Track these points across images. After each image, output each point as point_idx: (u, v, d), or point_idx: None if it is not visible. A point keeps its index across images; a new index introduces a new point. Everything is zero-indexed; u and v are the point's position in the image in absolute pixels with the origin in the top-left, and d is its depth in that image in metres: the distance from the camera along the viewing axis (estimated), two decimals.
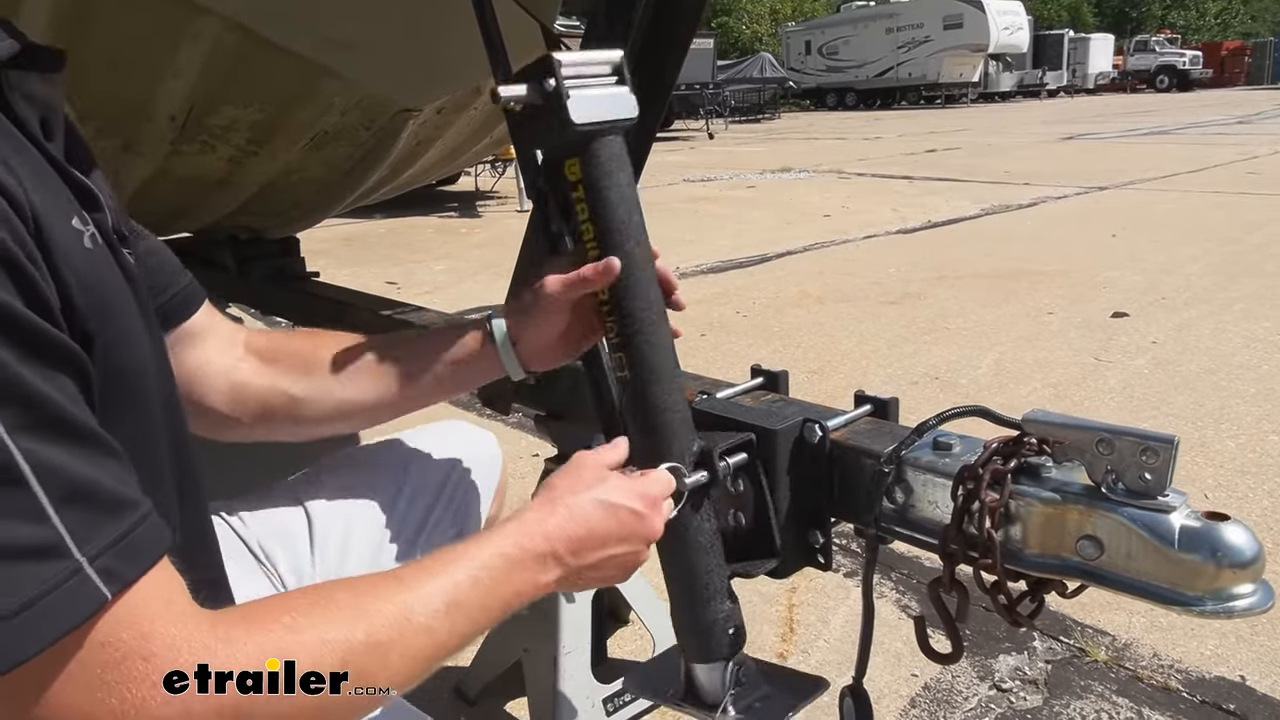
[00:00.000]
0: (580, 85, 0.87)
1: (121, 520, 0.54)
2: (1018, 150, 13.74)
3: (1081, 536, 0.86)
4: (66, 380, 0.55)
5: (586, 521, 0.80)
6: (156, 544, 0.57)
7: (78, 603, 0.51)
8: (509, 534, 0.76)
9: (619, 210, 0.91)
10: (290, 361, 1.00)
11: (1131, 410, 3.14)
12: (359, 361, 1.00)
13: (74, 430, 0.54)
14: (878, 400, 1.15)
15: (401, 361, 1.00)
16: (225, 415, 0.99)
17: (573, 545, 0.79)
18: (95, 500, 0.53)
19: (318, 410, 1.00)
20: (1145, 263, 5.49)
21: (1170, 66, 37.92)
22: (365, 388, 1.00)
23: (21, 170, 0.56)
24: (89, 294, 0.59)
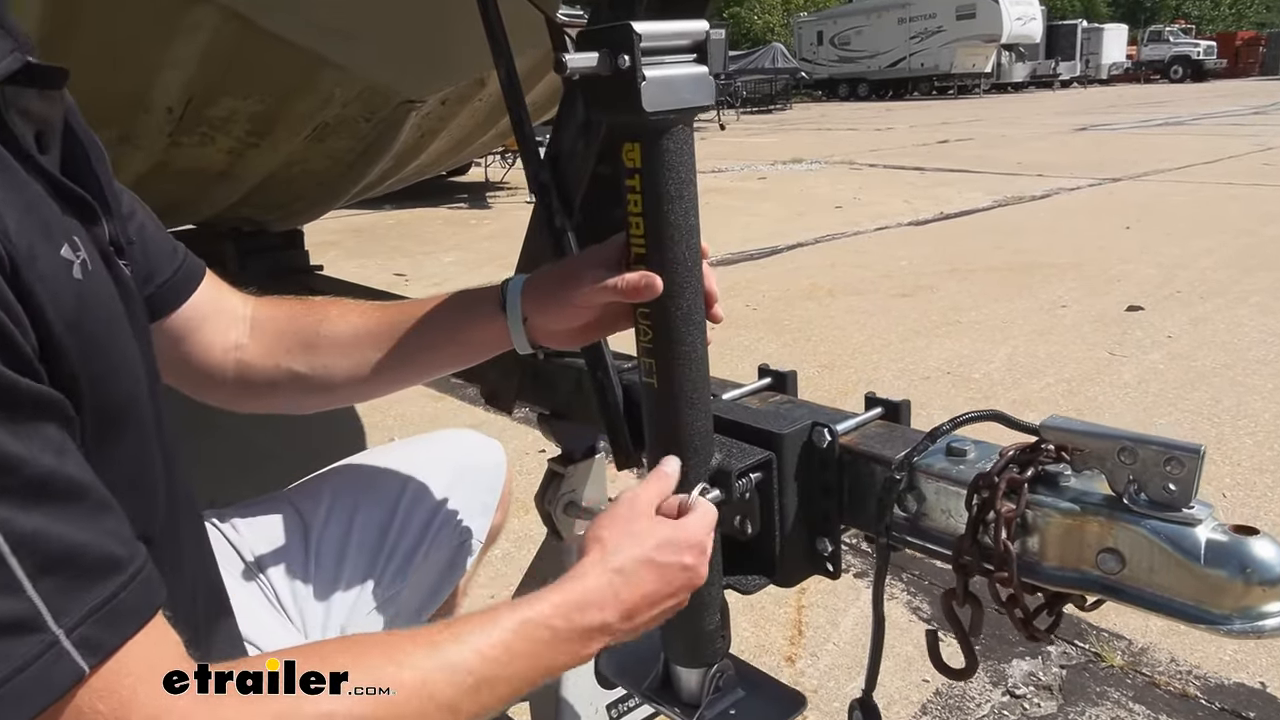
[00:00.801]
0: (658, 64, 0.78)
1: (106, 584, 0.52)
2: (1031, 141, 13.62)
3: (1102, 549, 0.82)
4: (48, 431, 0.52)
5: (640, 587, 0.77)
6: (144, 606, 0.54)
7: (53, 679, 0.48)
8: (560, 605, 0.71)
9: (675, 209, 0.84)
10: (296, 338, 0.98)
11: (1147, 407, 3.09)
12: (366, 333, 0.97)
13: (54, 490, 0.51)
14: (889, 403, 1.10)
15: (410, 331, 0.97)
16: (234, 393, 0.98)
17: (625, 613, 0.75)
18: (77, 565, 0.51)
19: (325, 383, 0.97)
20: (1160, 255, 5.42)
21: (1184, 57, 37.53)
22: (372, 360, 0.97)
23: (5, 203, 0.54)
24: (76, 332, 0.57)
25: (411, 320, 0.97)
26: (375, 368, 0.97)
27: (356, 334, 0.97)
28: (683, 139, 0.84)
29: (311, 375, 0.97)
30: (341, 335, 0.97)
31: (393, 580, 1.10)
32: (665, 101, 0.80)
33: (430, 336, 0.97)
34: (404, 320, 0.97)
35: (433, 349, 0.97)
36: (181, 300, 0.91)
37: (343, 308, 1.00)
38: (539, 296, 0.93)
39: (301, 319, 0.99)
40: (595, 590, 0.74)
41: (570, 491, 1.54)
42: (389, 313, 0.99)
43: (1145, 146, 12.13)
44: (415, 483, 1.16)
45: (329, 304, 1.01)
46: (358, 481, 1.14)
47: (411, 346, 0.96)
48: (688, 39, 0.83)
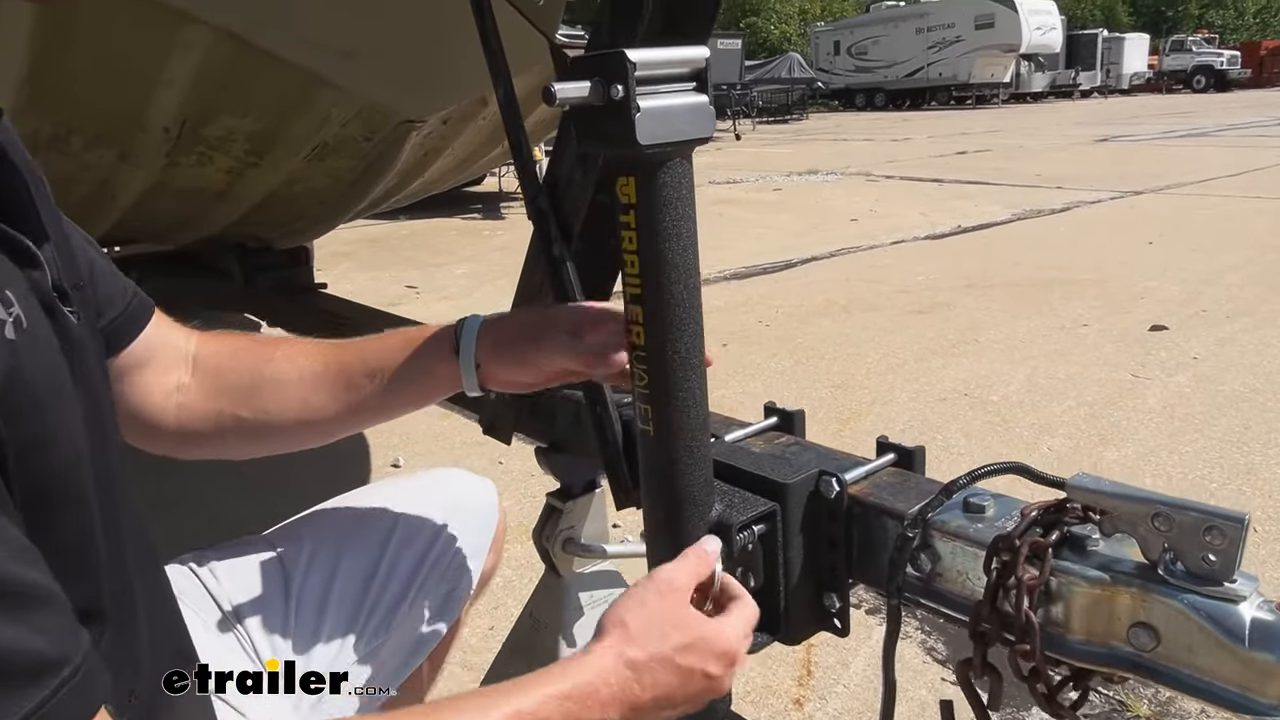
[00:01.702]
0: (653, 93, 0.73)
1: (39, 688, 0.47)
2: (1050, 152, 13.49)
3: (1134, 623, 0.75)
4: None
5: (653, 689, 0.70)
6: (83, 707, 0.50)
7: None
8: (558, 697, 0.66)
9: (672, 246, 0.79)
10: (238, 378, 0.93)
11: (1172, 433, 3.00)
12: (313, 374, 0.92)
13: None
14: (902, 449, 1.04)
15: (360, 373, 0.92)
16: (174, 439, 0.93)
17: (630, 714, 0.69)
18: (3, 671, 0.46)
19: (268, 428, 0.92)
20: (1184, 272, 5.32)
21: (1208, 66, 37.19)
22: (320, 402, 0.92)
23: None
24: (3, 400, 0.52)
25: (361, 361, 0.93)
26: (323, 411, 0.92)
27: (303, 375, 0.92)
28: (680, 173, 0.79)
29: (254, 419, 0.92)
30: (287, 376, 0.92)
31: (376, 632, 1.04)
32: (661, 134, 0.75)
33: (381, 378, 0.92)
34: (353, 361, 0.93)
35: (383, 392, 0.93)
36: (127, 341, 0.87)
37: (289, 348, 0.95)
38: (495, 346, 0.90)
39: (245, 358, 0.94)
40: (604, 683, 0.68)
41: (569, 527, 1.48)
42: (337, 353, 0.94)
43: (1168, 158, 11.98)
44: (402, 527, 1.10)
45: (275, 343, 0.96)
46: (342, 526, 1.09)
47: (362, 389, 0.92)
48: (686, 67, 0.78)
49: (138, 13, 1.31)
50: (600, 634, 0.71)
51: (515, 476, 2.74)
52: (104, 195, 1.92)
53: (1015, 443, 2.98)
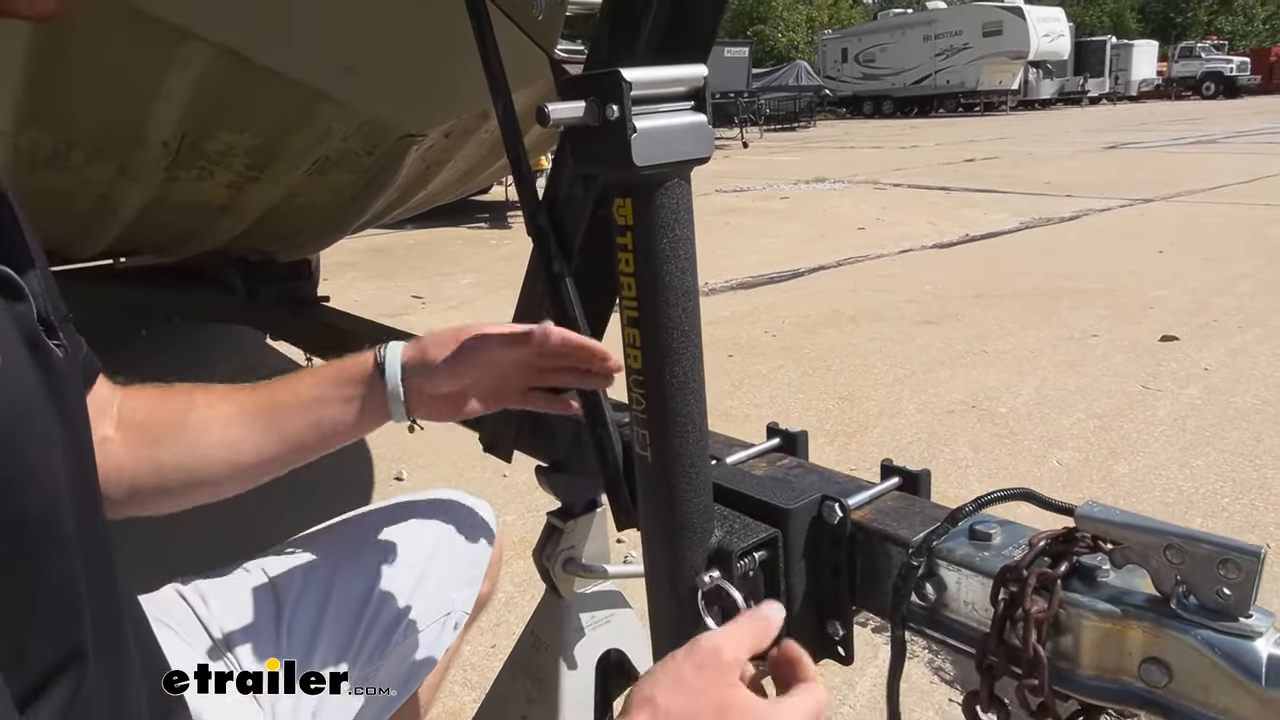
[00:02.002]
0: (650, 113, 0.71)
1: None
2: (1059, 160, 13.44)
3: (1146, 659, 0.73)
4: None
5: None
6: None
7: None
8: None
9: (670, 269, 0.77)
10: (160, 428, 0.90)
11: (1183, 446, 2.96)
12: (236, 418, 0.91)
13: None
14: (907, 472, 1.02)
15: (284, 412, 0.91)
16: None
17: None
18: None
19: (192, 477, 0.89)
20: (1195, 281, 5.27)
21: (1217, 73, 37.09)
22: (246, 447, 0.90)
23: None
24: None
25: (289, 398, 0.92)
26: (250, 453, 0.90)
27: (228, 418, 0.90)
28: (678, 194, 0.77)
29: (175, 465, 0.89)
30: (211, 422, 0.90)
31: (370, 659, 1.02)
32: (658, 154, 0.73)
33: (307, 414, 0.91)
34: (280, 399, 0.92)
35: (310, 427, 0.91)
36: (91, 381, 0.85)
37: (210, 394, 0.93)
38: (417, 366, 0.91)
39: (167, 407, 0.92)
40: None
41: (570, 547, 1.46)
42: (264, 393, 0.93)
43: (1178, 165, 11.92)
44: (397, 550, 1.08)
45: (194, 390, 0.94)
46: (335, 551, 1.07)
47: (287, 427, 0.91)
48: (684, 85, 0.76)
49: (135, 29, 1.30)
50: (626, 714, 0.60)
51: (519, 490, 2.72)
52: (105, 209, 1.92)
53: (1024, 456, 2.95)
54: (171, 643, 0.93)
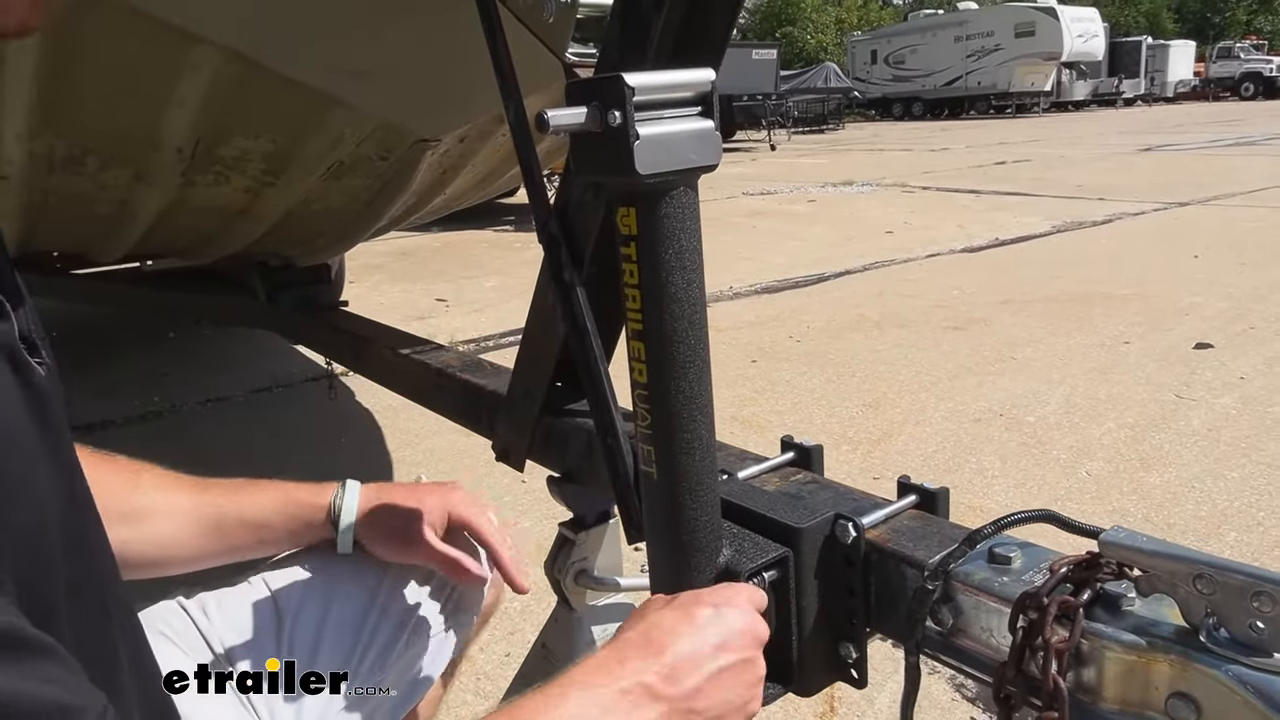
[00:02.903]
0: (654, 119, 0.69)
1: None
2: (1092, 163, 13.24)
3: (1173, 694, 0.69)
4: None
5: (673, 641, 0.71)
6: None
7: None
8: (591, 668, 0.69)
9: (676, 280, 0.75)
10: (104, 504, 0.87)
11: (1217, 458, 2.89)
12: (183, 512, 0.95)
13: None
14: (925, 490, 0.98)
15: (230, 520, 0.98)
16: None
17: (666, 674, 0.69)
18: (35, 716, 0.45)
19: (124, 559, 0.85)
20: (1231, 287, 5.16)
21: (1256, 74, 36.40)
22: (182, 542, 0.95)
23: None
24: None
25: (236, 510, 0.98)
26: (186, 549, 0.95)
27: (173, 510, 0.94)
28: (684, 203, 0.74)
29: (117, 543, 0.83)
30: (155, 507, 0.93)
31: (371, 671, 1.01)
32: (662, 162, 0.70)
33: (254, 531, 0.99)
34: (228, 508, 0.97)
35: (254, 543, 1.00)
36: None
37: (157, 477, 0.97)
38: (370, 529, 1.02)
39: (113, 481, 0.93)
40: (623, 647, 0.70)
41: (582, 559, 1.44)
42: (212, 495, 0.98)
43: (1215, 168, 11.70)
44: (398, 564, 1.06)
45: (140, 470, 0.97)
46: (336, 563, 1.05)
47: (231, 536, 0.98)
48: (690, 90, 0.73)
49: (145, 34, 1.30)
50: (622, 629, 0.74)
51: (538, 496, 2.70)
52: (124, 213, 1.93)
53: (1052, 466, 2.88)
54: (171, 654, 0.93)
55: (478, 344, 4.65)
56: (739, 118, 19.80)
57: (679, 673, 0.68)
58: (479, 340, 4.69)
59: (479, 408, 1.63)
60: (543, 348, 1.42)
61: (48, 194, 1.80)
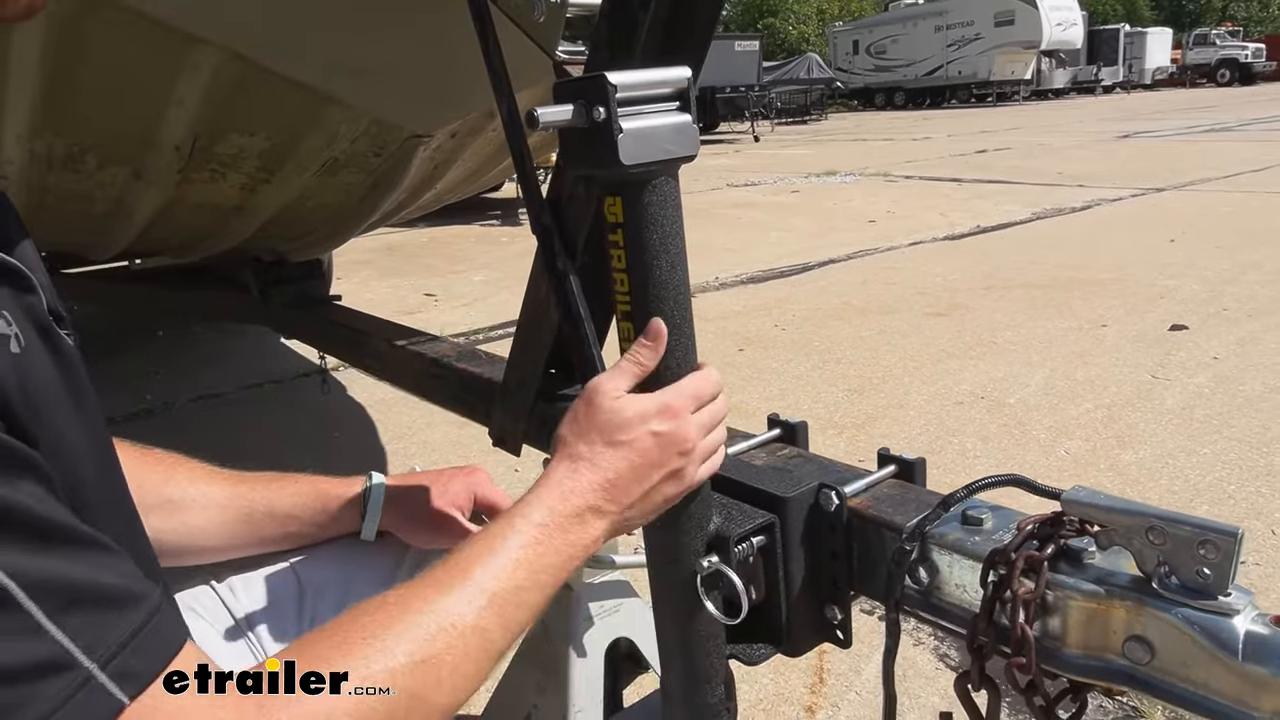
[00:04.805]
0: (636, 114, 0.75)
1: (133, 615, 0.52)
2: (1071, 150, 13.37)
3: (1129, 637, 0.75)
4: (32, 485, 0.51)
5: (612, 466, 0.76)
6: (175, 633, 0.54)
7: (93, 713, 0.48)
8: (537, 502, 0.74)
9: (660, 263, 0.80)
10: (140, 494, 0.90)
11: (1191, 434, 2.97)
12: (215, 503, 0.98)
13: (56, 533, 0.50)
14: (903, 460, 1.04)
15: (260, 513, 1.01)
16: None
17: (607, 493, 0.76)
18: (98, 601, 0.51)
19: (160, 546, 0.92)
20: (1206, 270, 5.26)
21: (1232, 60, 36.71)
22: (214, 533, 0.98)
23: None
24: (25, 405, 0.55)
25: (267, 504, 1.01)
26: (216, 540, 0.99)
27: (205, 503, 0.97)
28: (666, 191, 0.80)
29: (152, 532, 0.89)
30: (188, 499, 0.96)
31: None
32: (645, 154, 0.76)
33: (284, 524, 1.02)
34: (259, 502, 1.01)
35: (283, 536, 1.03)
36: None
37: (190, 470, 1.00)
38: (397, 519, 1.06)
39: (148, 472, 0.97)
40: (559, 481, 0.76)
41: None
42: (244, 489, 1.01)
43: (1191, 154, 11.84)
44: (416, 549, 1.12)
45: (176, 463, 1.01)
46: (356, 543, 1.10)
47: (262, 529, 1.01)
48: (669, 87, 0.79)
49: (146, 34, 1.34)
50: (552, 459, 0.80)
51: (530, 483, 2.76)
52: (121, 212, 1.96)
53: (1032, 446, 2.96)
54: (199, 628, 0.98)
55: (468, 338, 4.69)
56: (722, 109, 19.84)
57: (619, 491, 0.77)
58: (469, 334, 4.73)
59: (475, 396, 1.67)
60: (537, 335, 1.47)
61: (45, 193, 1.83)
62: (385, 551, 1.10)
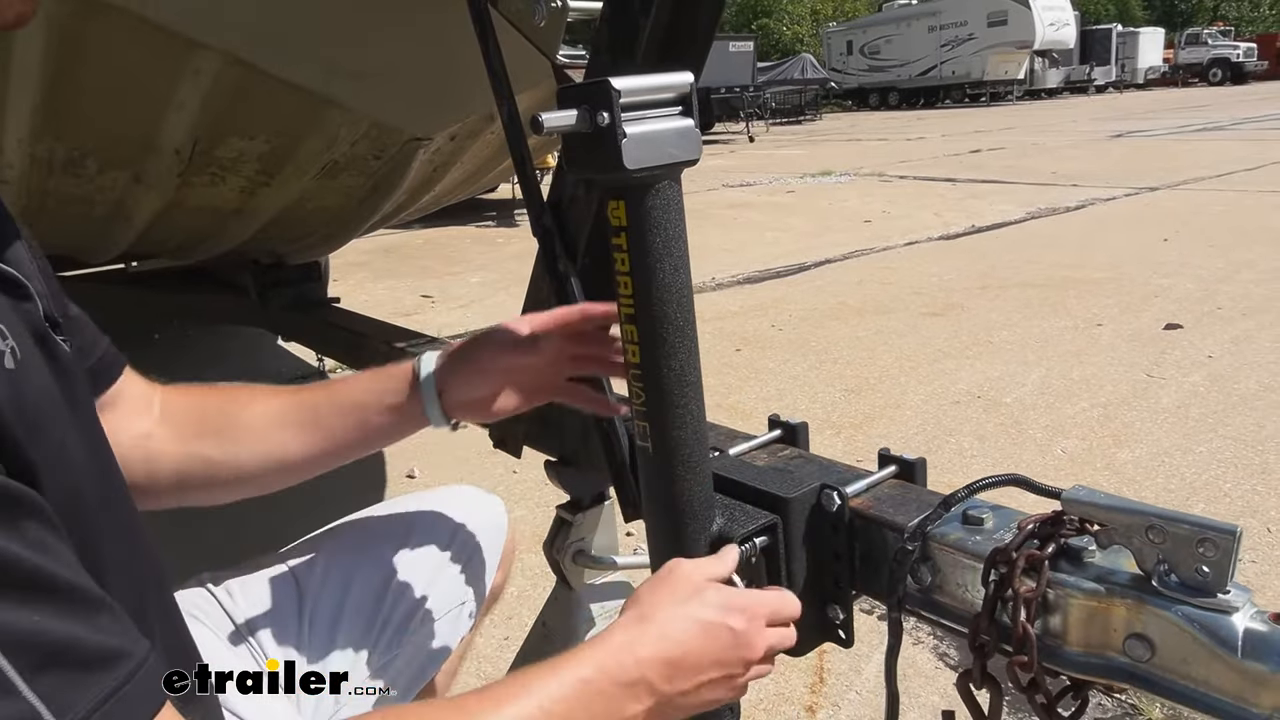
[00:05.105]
0: (639, 119, 0.75)
1: (110, 676, 0.50)
2: (1065, 149, 13.40)
3: (1130, 635, 0.76)
4: (26, 528, 0.50)
5: (681, 643, 0.71)
6: (153, 694, 0.53)
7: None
8: (590, 657, 0.68)
9: (664, 266, 0.81)
10: (207, 424, 0.94)
11: (1186, 433, 2.99)
12: (280, 415, 0.95)
13: (43, 586, 0.49)
14: (904, 461, 1.05)
15: (327, 412, 0.95)
16: (144, 486, 0.92)
17: (666, 670, 0.70)
18: (75, 660, 0.49)
19: (237, 471, 0.94)
20: (1200, 269, 5.28)
21: (1223, 59, 36.82)
22: (289, 442, 0.94)
23: None
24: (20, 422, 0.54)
25: (330, 401, 0.96)
26: (294, 451, 0.95)
27: (273, 418, 0.95)
28: (669, 195, 0.81)
29: (224, 461, 0.93)
30: (255, 419, 0.94)
31: (388, 647, 1.07)
32: (649, 158, 0.77)
33: (350, 416, 0.95)
34: (322, 401, 0.96)
35: (353, 428, 0.96)
36: (105, 386, 0.88)
37: (253, 392, 0.98)
38: (450, 363, 0.95)
39: (210, 403, 0.96)
40: (625, 643, 0.70)
41: (579, 539, 1.50)
42: (304, 395, 0.97)
43: (1184, 153, 11.88)
44: (412, 544, 1.12)
45: (239, 389, 0.99)
46: (354, 543, 1.11)
47: (332, 428, 0.95)
48: (672, 92, 0.80)
49: (147, 40, 1.34)
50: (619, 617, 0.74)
51: (529, 486, 2.77)
52: (120, 215, 1.96)
53: (1028, 445, 2.97)
54: (199, 633, 0.97)
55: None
56: (717, 110, 19.84)
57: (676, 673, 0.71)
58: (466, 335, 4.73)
59: None
60: None
61: (45, 196, 1.83)
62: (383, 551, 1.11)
